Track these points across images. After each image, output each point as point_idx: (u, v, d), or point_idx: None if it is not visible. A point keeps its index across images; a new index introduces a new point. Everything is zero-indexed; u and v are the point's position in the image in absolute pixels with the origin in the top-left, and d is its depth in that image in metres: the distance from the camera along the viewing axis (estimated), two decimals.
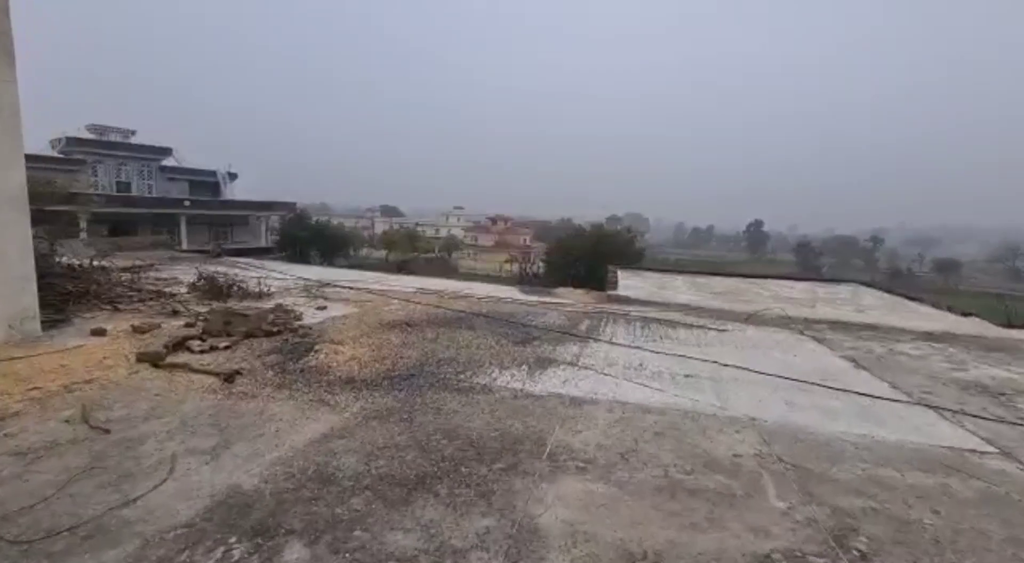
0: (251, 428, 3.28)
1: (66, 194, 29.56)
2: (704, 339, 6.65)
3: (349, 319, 6.48)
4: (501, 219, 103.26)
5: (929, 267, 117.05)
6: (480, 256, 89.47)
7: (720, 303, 9.51)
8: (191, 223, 43.31)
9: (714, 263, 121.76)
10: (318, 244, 42.11)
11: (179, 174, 49.70)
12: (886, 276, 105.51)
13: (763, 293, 11.04)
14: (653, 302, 9.23)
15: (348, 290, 8.78)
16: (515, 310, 7.82)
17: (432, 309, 7.50)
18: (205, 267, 9.73)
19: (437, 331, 6.15)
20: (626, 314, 7.93)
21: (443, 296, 8.66)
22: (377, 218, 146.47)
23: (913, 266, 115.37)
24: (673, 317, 7.92)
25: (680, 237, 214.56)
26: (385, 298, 8.20)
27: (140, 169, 47.82)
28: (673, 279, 12.76)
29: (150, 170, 48.28)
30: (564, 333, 6.45)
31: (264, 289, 7.74)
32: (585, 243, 33.48)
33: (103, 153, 45.11)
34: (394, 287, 9.38)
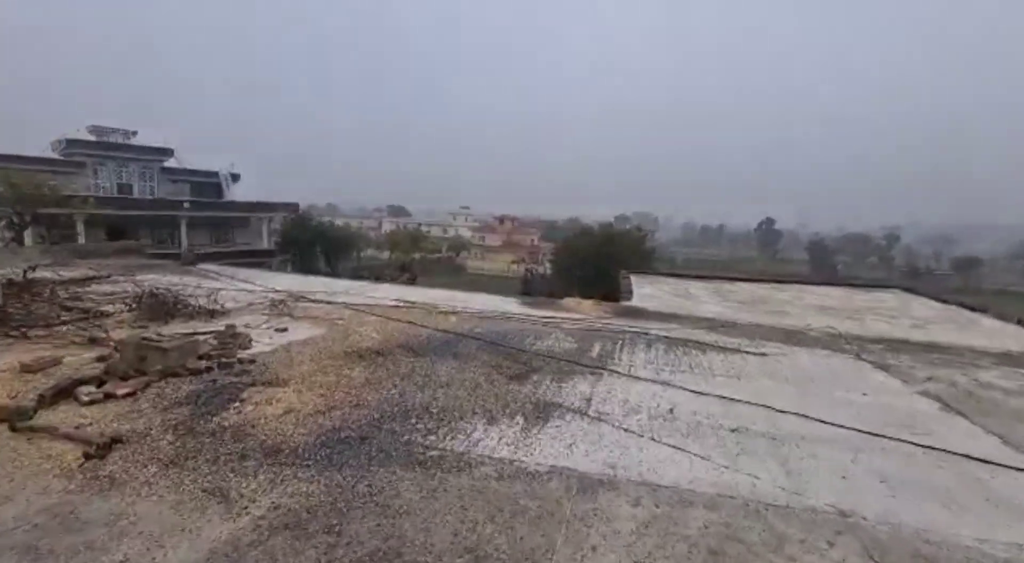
0: (86, 554, 2.12)
1: (59, 197, 28.82)
2: (743, 368, 5.42)
3: (309, 346, 5.32)
4: (508, 219, 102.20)
5: (948, 265, 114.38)
6: (487, 256, 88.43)
7: (751, 316, 8.25)
8: (191, 225, 42.58)
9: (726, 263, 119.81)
10: (320, 246, 41.17)
11: (181, 175, 49.01)
12: (904, 275, 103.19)
13: (796, 302, 9.76)
14: (674, 315, 7.99)
15: (324, 305, 7.64)
16: (514, 328, 6.63)
17: (416, 328, 6.33)
18: (170, 278, 8.65)
19: (414, 362, 4.97)
20: (645, 333, 6.70)
21: (432, 311, 7.48)
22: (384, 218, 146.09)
23: (931, 264, 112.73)
24: (700, 336, 6.68)
25: (690, 235, 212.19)
26: (363, 314, 7.04)
27: (141, 170, 47.13)
28: (692, 285, 11.50)
29: (151, 171, 47.59)
30: (572, 362, 5.25)
31: (218, 306, 6.61)
32: (593, 243, 32.20)
33: (103, 155, 44.46)
34: (379, 300, 8.23)
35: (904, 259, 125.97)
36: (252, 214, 45.66)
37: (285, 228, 39.83)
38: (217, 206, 43.60)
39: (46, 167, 41.68)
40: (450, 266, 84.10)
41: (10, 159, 39.42)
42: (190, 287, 8.23)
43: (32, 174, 36.37)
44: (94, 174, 44.47)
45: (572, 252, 33.80)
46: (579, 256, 32.08)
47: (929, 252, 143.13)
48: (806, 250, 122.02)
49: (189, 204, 40.60)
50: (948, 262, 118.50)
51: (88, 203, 32.02)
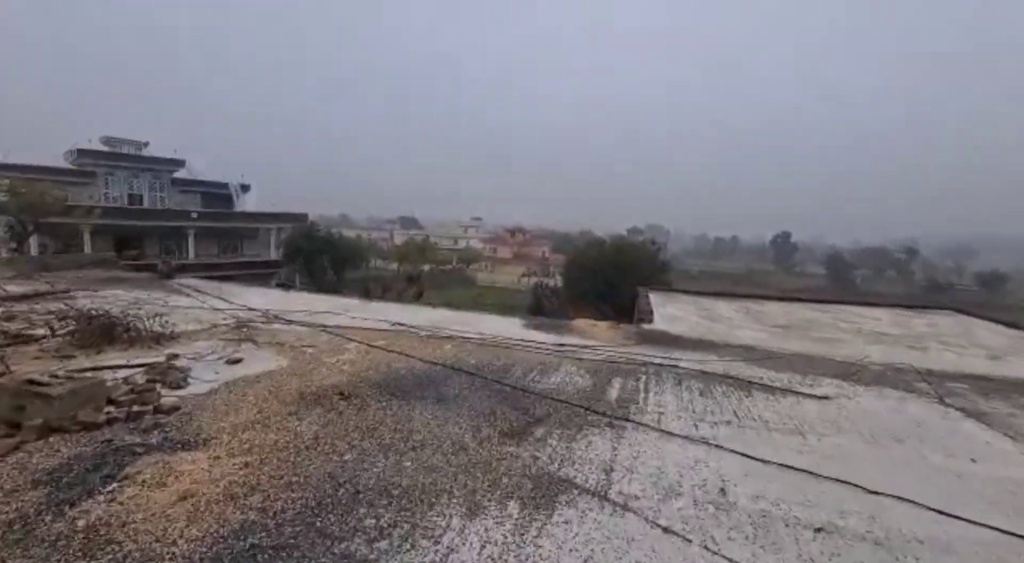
0: None
1: (63, 206, 28.46)
2: (803, 417, 4.28)
3: (260, 384, 4.29)
4: (519, 231, 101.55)
5: (971, 279, 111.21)
6: (498, 268, 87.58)
7: (796, 343, 7.09)
8: (199, 235, 42.30)
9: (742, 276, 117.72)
10: (327, 257, 40.53)
11: (192, 186, 48.98)
12: (925, 290, 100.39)
13: (843, 326, 8.56)
14: (705, 343, 6.86)
15: (299, 328, 6.63)
16: (517, 360, 5.55)
17: (401, 359, 5.29)
18: (136, 293, 7.73)
19: (386, 408, 3.92)
20: (674, 366, 5.59)
21: (423, 335, 6.44)
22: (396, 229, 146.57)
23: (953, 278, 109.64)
24: (741, 371, 5.54)
25: (702, 248, 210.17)
26: (341, 340, 6.02)
27: (152, 181, 47.17)
28: (718, 305, 10.34)
29: (162, 182, 47.59)
30: (586, 409, 4.15)
31: (169, 330, 5.63)
32: (605, 255, 31.13)
33: (115, 165, 44.54)
34: (368, 322, 7.22)
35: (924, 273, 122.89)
36: (260, 225, 45.30)
37: (291, 238, 39.23)
38: (225, 216, 43.29)
39: (57, 177, 41.79)
40: (460, 278, 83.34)
41: (22, 168, 39.52)
42: (152, 304, 7.29)
43: (37, 183, 36.25)
44: (105, 184, 44.55)
45: (583, 265, 32.75)
46: (590, 269, 31.01)
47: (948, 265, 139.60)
48: (823, 264, 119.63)
49: (197, 214, 40.30)
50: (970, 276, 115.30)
51: (93, 213, 31.72)
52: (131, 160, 45.22)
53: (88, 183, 43.05)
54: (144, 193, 46.23)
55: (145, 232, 40.44)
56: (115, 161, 44.45)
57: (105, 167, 44.04)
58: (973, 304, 66.92)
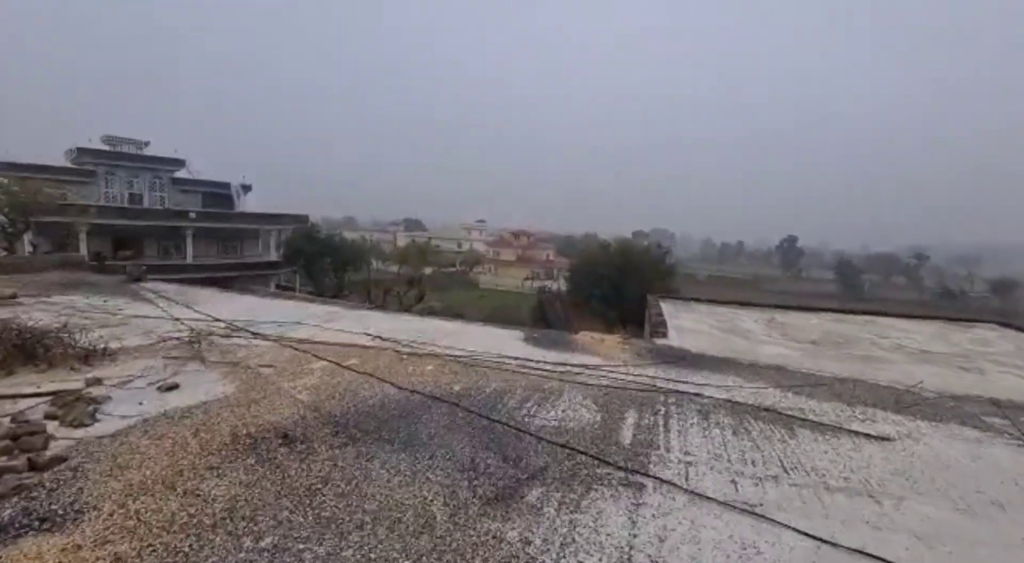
0: None
1: (57, 205, 27.86)
2: (868, 470, 3.39)
3: (186, 422, 3.44)
4: (523, 234, 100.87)
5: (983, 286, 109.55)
6: (501, 271, 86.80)
7: (832, 363, 6.20)
8: (198, 236, 41.72)
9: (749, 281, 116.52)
10: (328, 259, 39.84)
11: (192, 186, 48.52)
12: (937, 297, 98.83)
13: (880, 342, 7.65)
14: (729, 362, 5.97)
15: (261, 342, 5.80)
16: (509, 384, 4.69)
17: (371, 384, 4.44)
18: (92, 300, 6.92)
19: (337, 457, 3.06)
20: (697, 394, 4.71)
21: (402, 353, 5.58)
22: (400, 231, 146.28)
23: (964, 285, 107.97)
24: (777, 400, 4.66)
25: (708, 252, 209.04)
26: (308, 357, 5.18)
27: (152, 181, 46.71)
28: (738, 315, 9.45)
29: (162, 182, 47.13)
30: (592, 457, 3.29)
31: (101, 346, 4.79)
32: (611, 259, 30.30)
33: (114, 164, 44.10)
34: (342, 335, 6.38)
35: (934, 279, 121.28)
36: (260, 226, 44.65)
37: (291, 240, 38.55)
38: (224, 217, 42.66)
39: (57, 176, 41.35)
40: (463, 281, 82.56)
41: (22, 167, 39.07)
42: (104, 314, 6.48)
43: (30, 181, 35.68)
44: (105, 183, 44.10)
45: (589, 269, 31.91)
46: (596, 273, 30.16)
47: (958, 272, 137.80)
48: (832, 269, 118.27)
49: (195, 215, 39.68)
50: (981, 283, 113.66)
51: (88, 212, 31.09)
52: (131, 159, 44.76)
53: (88, 182, 42.60)
54: (144, 193, 45.76)
55: (143, 232, 39.86)
56: (115, 160, 44.00)
57: (105, 166, 43.59)
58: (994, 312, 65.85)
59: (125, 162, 44.24)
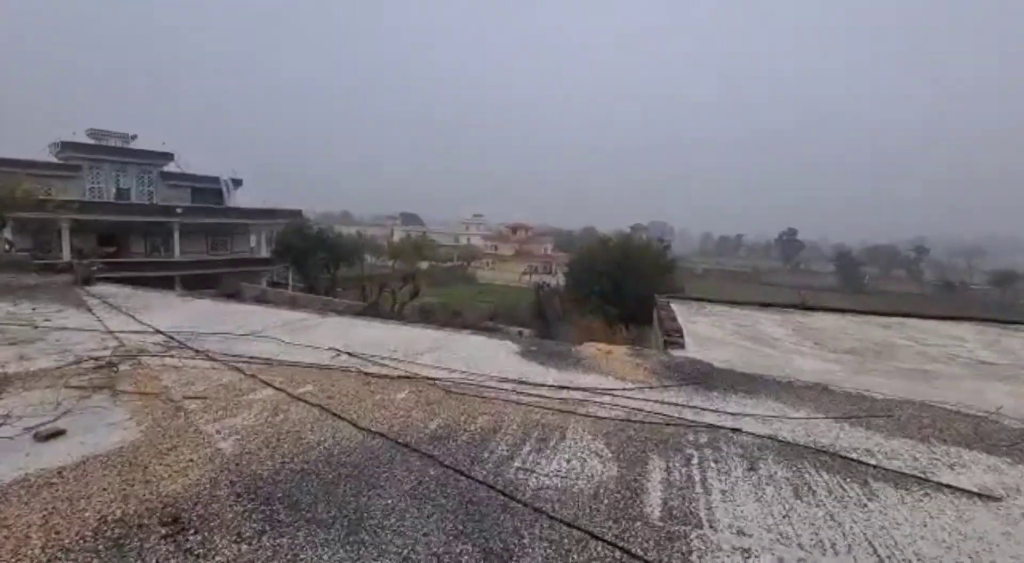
0: None
1: (34, 200, 26.71)
2: (985, 550, 2.47)
3: (41, 497, 2.46)
4: (521, 228, 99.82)
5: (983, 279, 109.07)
6: (499, 266, 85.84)
7: (880, 380, 5.25)
8: (187, 232, 40.62)
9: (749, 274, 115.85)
10: (321, 254, 38.77)
11: (181, 180, 47.32)
12: (938, 289, 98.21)
13: (927, 350, 6.71)
14: (762, 380, 5.03)
15: (201, 362, 4.82)
16: (499, 419, 3.74)
17: (321, 420, 3.49)
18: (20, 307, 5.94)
19: (239, 558, 2.12)
20: (734, 428, 3.77)
21: (372, 375, 4.61)
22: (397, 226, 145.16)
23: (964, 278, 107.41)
24: (834, 437, 3.71)
25: (707, 246, 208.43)
26: (254, 382, 4.22)
27: (140, 175, 45.53)
28: (757, 319, 8.50)
29: (151, 176, 45.97)
30: (610, 545, 2.35)
31: None
32: (611, 254, 29.36)
33: (100, 158, 42.88)
34: (303, 351, 5.42)
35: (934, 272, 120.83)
36: (250, 221, 43.54)
37: (282, 236, 37.42)
38: (213, 212, 41.54)
39: (40, 171, 40.14)
40: (461, 275, 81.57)
41: (4, 162, 37.88)
42: (25, 325, 5.50)
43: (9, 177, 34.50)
44: (92, 178, 42.92)
45: (588, 264, 30.97)
46: (595, 269, 29.25)
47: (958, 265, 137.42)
48: (833, 262, 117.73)
49: (183, 210, 38.54)
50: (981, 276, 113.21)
51: (69, 207, 29.91)
52: (117, 153, 43.50)
53: (73, 177, 41.40)
54: (132, 188, 44.58)
55: (128, 228, 38.73)
56: (101, 154, 42.76)
57: (90, 160, 42.36)
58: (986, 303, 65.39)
59: (111, 156, 43.00)
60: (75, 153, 41.25)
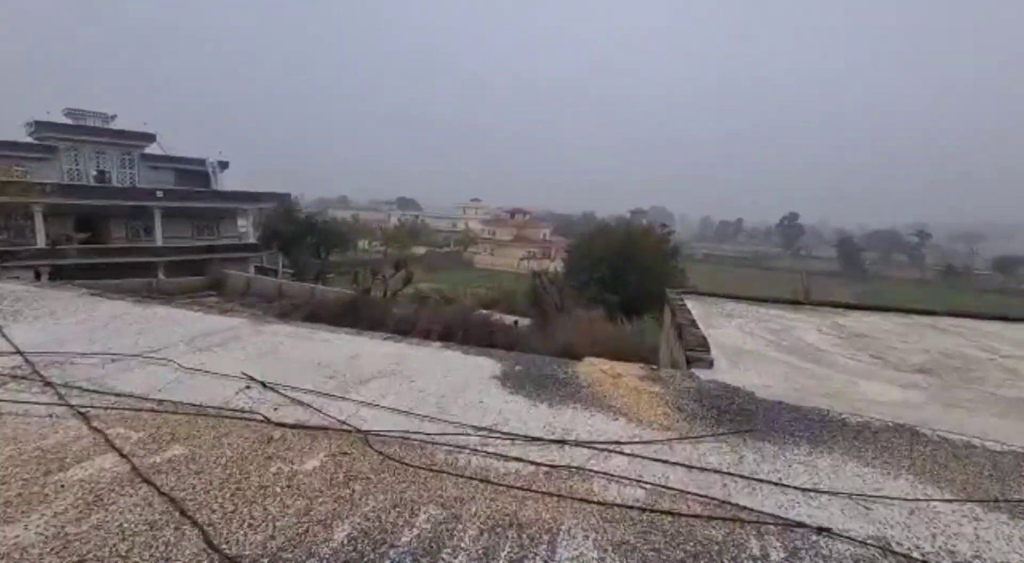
0: None
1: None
2: None
3: None
4: (520, 212, 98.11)
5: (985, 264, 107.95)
6: (497, 251, 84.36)
7: (986, 414, 3.92)
8: (170, 216, 39.05)
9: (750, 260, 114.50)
10: (310, 240, 37.28)
11: (164, 163, 45.58)
12: (939, 275, 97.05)
13: (1019, 367, 5.37)
14: (825, 419, 3.68)
15: (51, 403, 3.45)
16: (451, 518, 2.40)
17: (158, 529, 2.16)
18: None
19: None
20: (821, 528, 2.44)
21: (278, 426, 3.25)
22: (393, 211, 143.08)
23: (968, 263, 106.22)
24: (980, 549, 2.40)
25: (707, 231, 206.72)
26: (94, 442, 2.87)
27: (121, 157, 43.77)
28: (791, 320, 7.14)
29: (131, 158, 44.24)
30: None
31: None
32: (612, 241, 27.94)
33: (78, 139, 41.07)
34: (203, 380, 4.06)
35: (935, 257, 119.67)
36: (236, 204, 41.94)
37: (269, 221, 35.90)
38: (196, 195, 39.91)
39: (14, 152, 38.32)
40: (458, 261, 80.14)
41: None
42: None
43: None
44: (71, 160, 41.17)
45: (587, 250, 29.55)
46: (595, 255, 27.84)
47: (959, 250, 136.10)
48: (834, 247, 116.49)
49: (163, 193, 36.93)
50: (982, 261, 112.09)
51: (36, 190, 28.31)
52: (96, 133, 41.68)
53: (49, 159, 39.65)
54: (112, 170, 42.84)
55: (108, 212, 37.16)
56: (78, 135, 40.95)
57: (68, 141, 40.57)
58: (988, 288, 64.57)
59: (89, 136, 41.18)
60: (51, 133, 39.45)
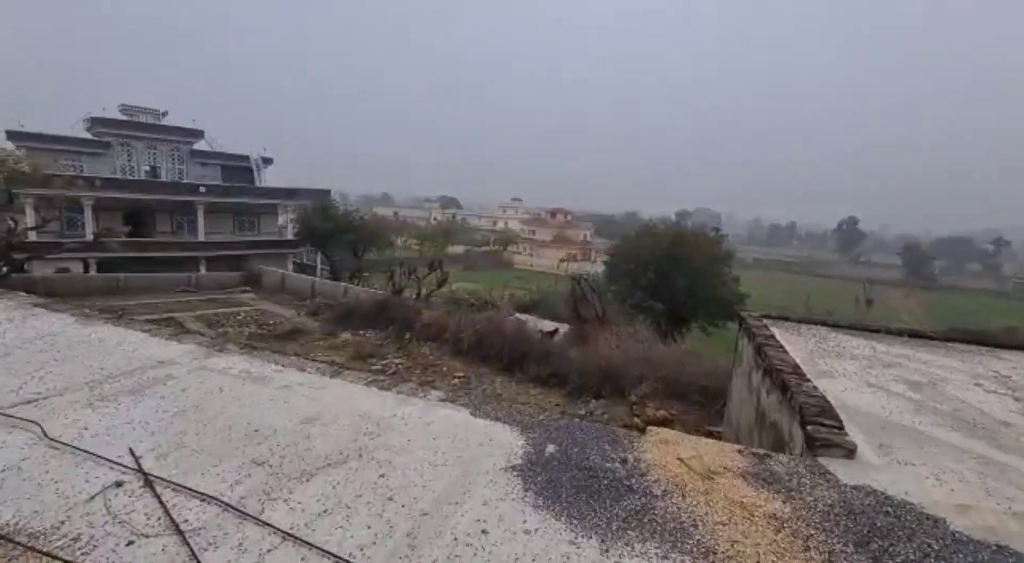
0: None
1: (43, 176, 25.44)
2: None
3: None
4: (561, 212, 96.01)
5: None
6: (537, 251, 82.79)
7: None
8: (213, 212, 39.43)
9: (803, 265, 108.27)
10: (346, 237, 36.68)
11: (211, 159, 46.28)
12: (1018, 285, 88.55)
13: None
14: None
15: None
16: None
17: None
18: None
19: None
20: None
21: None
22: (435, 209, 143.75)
23: None
24: None
25: (756, 234, 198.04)
26: None
27: (171, 152, 44.67)
28: (919, 360, 5.27)
29: (181, 154, 45.06)
30: None
31: None
32: (658, 243, 25.67)
33: (132, 135, 42.07)
34: (67, 464, 2.72)
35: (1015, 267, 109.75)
36: (275, 200, 42.02)
37: (306, 217, 35.53)
38: (237, 191, 40.13)
39: (70, 147, 39.55)
40: (497, 260, 79.06)
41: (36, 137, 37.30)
42: None
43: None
44: (124, 155, 42.27)
45: (633, 253, 27.30)
46: (641, 258, 25.67)
47: None
48: (898, 254, 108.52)
49: (206, 189, 37.24)
50: None
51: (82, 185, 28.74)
52: (147, 129, 42.59)
53: (103, 154, 40.77)
54: (162, 165, 43.75)
55: (154, 207, 37.84)
56: (131, 131, 41.91)
57: (121, 137, 41.59)
58: None
59: (141, 132, 42.11)
60: (106, 129, 40.52)
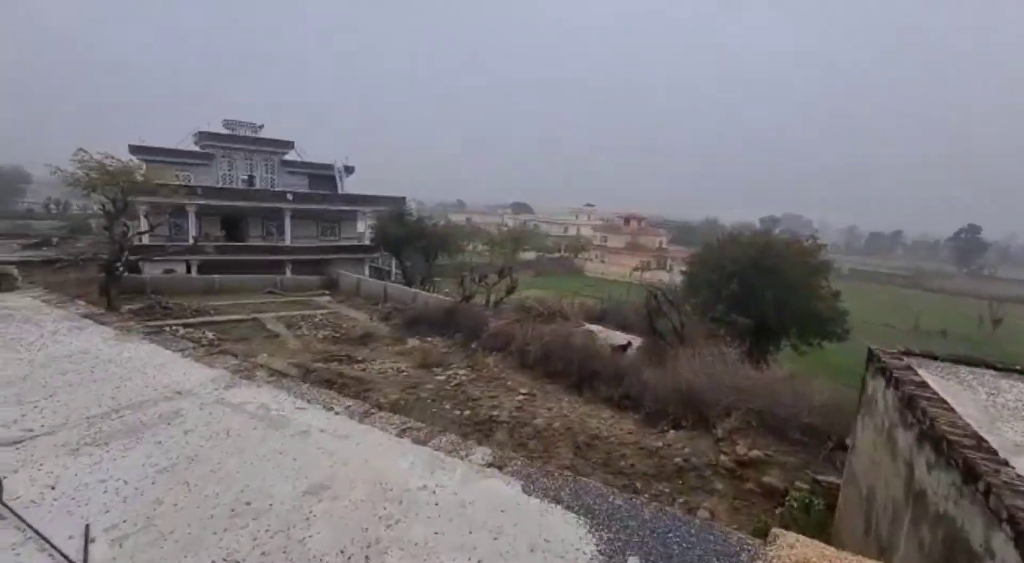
0: None
1: (152, 185, 27.89)
2: None
3: None
4: (635, 218, 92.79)
5: None
6: (609, 258, 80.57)
7: None
8: (299, 218, 41.66)
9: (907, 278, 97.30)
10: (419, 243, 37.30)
11: (299, 168, 49.09)
12: None
13: None
14: None
15: None
16: None
17: None
18: None
19: None
20: None
21: None
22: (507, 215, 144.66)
23: None
24: None
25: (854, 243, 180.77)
26: None
27: (265, 162, 47.80)
28: None
29: (273, 164, 48.09)
30: None
31: None
32: (745, 253, 23.24)
33: (230, 147, 45.45)
34: None
35: None
36: (355, 207, 43.73)
37: (381, 224, 36.56)
38: (318, 198, 42.17)
39: (180, 159, 43.34)
40: (568, 267, 77.83)
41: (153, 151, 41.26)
42: None
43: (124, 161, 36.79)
44: (225, 166, 45.74)
45: (715, 263, 24.97)
46: (724, 269, 23.39)
47: None
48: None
49: (292, 196, 39.38)
50: None
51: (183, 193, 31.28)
52: (245, 142, 45.84)
53: (207, 165, 44.30)
54: (257, 175, 46.88)
55: (247, 213, 40.57)
56: (231, 143, 45.29)
57: (222, 149, 45.03)
58: None
59: (239, 144, 45.42)
60: (210, 142, 44.04)
